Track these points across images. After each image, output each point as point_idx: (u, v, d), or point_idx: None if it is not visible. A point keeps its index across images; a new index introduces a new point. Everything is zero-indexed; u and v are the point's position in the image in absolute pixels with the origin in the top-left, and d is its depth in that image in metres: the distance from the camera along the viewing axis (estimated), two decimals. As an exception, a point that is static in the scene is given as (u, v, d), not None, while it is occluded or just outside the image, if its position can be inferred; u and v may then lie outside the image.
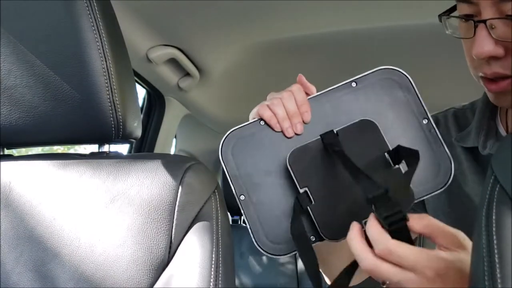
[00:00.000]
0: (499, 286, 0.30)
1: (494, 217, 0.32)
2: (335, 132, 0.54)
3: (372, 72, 0.56)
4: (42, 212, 0.52)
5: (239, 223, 1.78)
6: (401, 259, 0.42)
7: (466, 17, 0.55)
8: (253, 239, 0.55)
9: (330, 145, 0.53)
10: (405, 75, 0.55)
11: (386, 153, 0.52)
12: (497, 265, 0.31)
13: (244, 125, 0.57)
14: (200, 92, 1.42)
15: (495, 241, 0.32)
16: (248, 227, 0.55)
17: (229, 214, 1.79)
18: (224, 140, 0.57)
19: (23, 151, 0.79)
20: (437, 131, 0.54)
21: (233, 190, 0.56)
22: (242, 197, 0.56)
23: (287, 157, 0.54)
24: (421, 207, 0.69)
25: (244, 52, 1.23)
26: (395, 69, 0.55)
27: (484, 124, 0.62)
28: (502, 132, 0.62)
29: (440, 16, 0.59)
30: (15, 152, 0.63)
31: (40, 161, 0.56)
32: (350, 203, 0.52)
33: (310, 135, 0.55)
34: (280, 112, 0.55)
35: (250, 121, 0.57)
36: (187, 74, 1.29)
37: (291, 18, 1.06)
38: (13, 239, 0.51)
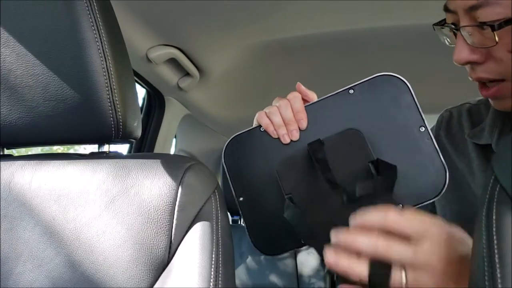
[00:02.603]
0: (499, 286, 0.30)
1: (494, 217, 0.32)
2: (321, 140, 0.55)
3: (370, 78, 0.56)
4: (42, 212, 0.52)
5: (239, 223, 1.78)
6: (408, 225, 0.42)
7: (449, 26, 0.57)
8: (249, 239, 0.57)
9: (314, 153, 0.55)
10: (404, 82, 0.55)
11: (369, 163, 0.52)
12: (497, 265, 0.31)
13: (245, 131, 0.60)
14: (200, 92, 1.42)
15: (495, 241, 0.32)
16: (245, 227, 0.58)
17: (229, 214, 1.79)
18: (227, 144, 0.60)
19: (23, 151, 0.79)
20: (433, 140, 0.54)
21: (233, 192, 0.59)
22: (241, 199, 0.59)
23: (276, 165, 0.56)
24: (431, 205, 0.69)
25: (244, 52, 1.23)
26: (394, 75, 0.56)
27: (498, 121, 0.62)
28: None
29: (433, 26, 0.60)
30: (15, 152, 0.63)
31: (40, 161, 0.56)
32: (329, 210, 0.53)
33: (306, 142, 0.56)
34: (277, 120, 0.57)
35: (251, 127, 0.60)
36: (187, 74, 1.29)
37: (291, 18, 1.06)
38: (13, 239, 0.51)
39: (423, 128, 0.54)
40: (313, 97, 0.59)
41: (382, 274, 0.44)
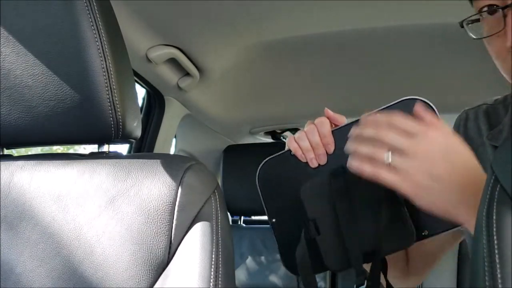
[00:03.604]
0: (500, 286, 0.30)
1: (494, 217, 0.32)
2: (343, 167, 0.56)
3: (396, 103, 0.57)
4: (42, 212, 0.52)
5: (239, 223, 1.78)
6: (410, 124, 0.47)
7: (491, 9, 0.52)
8: (280, 258, 0.61)
9: (333, 183, 0.57)
10: (429, 104, 0.55)
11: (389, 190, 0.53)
12: (498, 265, 0.31)
13: (276, 155, 0.62)
14: (200, 92, 1.41)
15: (495, 241, 0.32)
16: (278, 247, 0.61)
17: (229, 214, 1.79)
18: (260, 167, 0.63)
19: (23, 151, 0.79)
20: None
21: (266, 213, 0.62)
22: (273, 220, 0.62)
23: (301, 189, 0.59)
24: None
25: (244, 52, 1.23)
26: (419, 99, 0.56)
27: None
28: None
29: (462, 22, 0.57)
30: (14, 152, 0.63)
31: (40, 161, 0.56)
32: (351, 236, 0.55)
33: (334, 166, 0.58)
34: (304, 144, 0.59)
35: (282, 151, 0.62)
36: (187, 74, 1.29)
37: (291, 18, 1.06)
38: (13, 239, 0.51)
39: None
40: (342, 120, 0.60)
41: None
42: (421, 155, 0.46)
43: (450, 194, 0.45)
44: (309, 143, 0.59)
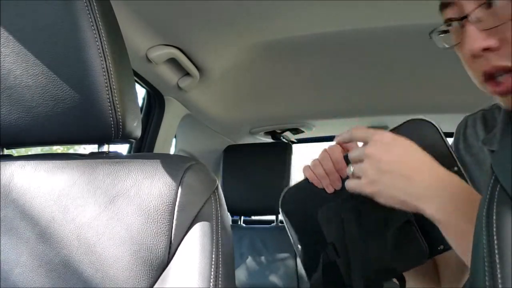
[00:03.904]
0: (500, 286, 0.30)
1: (494, 217, 0.32)
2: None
3: (401, 125, 0.59)
4: (42, 213, 0.52)
5: (239, 223, 1.78)
6: (358, 134, 0.56)
7: (451, 20, 0.55)
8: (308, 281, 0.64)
9: (344, 209, 0.59)
10: (434, 126, 0.58)
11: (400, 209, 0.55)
12: (498, 265, 0.31)
13: (297, 183, 0.66)
14: (200, 92, 1.41)
15: (495, 241, 0.32)
16: (305, 273, 0.64)
17: (229, 214, 1.79)
18: (282, 196, 0.67)
19: (23, 151, 0.79)
20: (467, 179, 0.55)
21: (291, 240, 0.65)
22: (298, 246, 0.64)
23: (318, 215, 0.61)
24: None
25: (244, 52, 1.23)
26: (423, 120, 0.58)
27: (510, 125, 0.60)
28: None
29: (430, 34, 0.59)
30: (14, 152, 0.63)
31: (40, 161, 0.56)
32: (366, 257, 0.58)
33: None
34: (319, 172, 0.63)
35: (301, 180, 0.66)
36: (187, 74, 1.29)
37: (291, 18, 1.06)
38: (13, 239, 0.51)
39: (456, 168, 0.56)
40: (352, 146, 0.62)
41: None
42: (369, 155, 0.52)
43: (405, 187, 0.49)
44: (323, 170, 0.62)
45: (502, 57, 0.51)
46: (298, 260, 1.64)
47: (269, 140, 1.97)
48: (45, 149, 0.77)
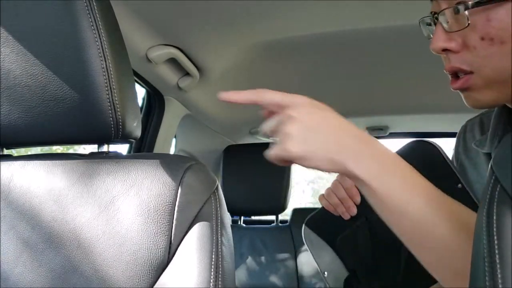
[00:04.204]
0: (500, 286, 0.30)
1: (494, 217, 0.32)
2: (367, 218, 0.62)
3: (403, 147, 0.61)
4: (42, 212, 0.52)
5: (239, 223, 1.78)
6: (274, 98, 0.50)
7: (429, 16, 0.58)
8: None
9: (358, 235, 0.62)
10: (436, 147, 0.60)
11: None
12: (498, 265, 0.31)
13: (315, 212, 0.69)
14: (200, 92, 1.41)
15: (495, 241, 0.31)
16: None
17: (229, 214, 1.79)
18: (304, 226, 0.70)
19: (23, 151, 0.79)
20: (472, 196, 0.57)
21: (318, 268, 0.67)
22: (325, 274, 0.67)
23: (336, 242, 0.64)
24: None
25: (244, 52, 1.23)
26: (426, 141, 0.61)
27: (500, 129, 0.61)
28: None
29: (419, 21, 0.62)
30: (14, 152, 0.63)
31: (40, 161, 0.56)
32: (383, 282, 0.60)
33: (366, 214, 0.62)
34: (333, 200, 0.65)
35: (318, 208, 0.69)
36: (187, 74, 1.29)
37: (291, 18, 1.06)
38: (13, 239, 0.51)
39: (460, 185, 0.58)
40: (351, 182, 0.64)
41: None
42: (293, 116, 0.47)
43: (333, 146, 0.46)
44: (337, 198, 0.64)
45: (461, 60, 0.54)
46: (298, 260, 1.64)
47: (269, 140, 1.96)
48: (45, 149, 0.77)
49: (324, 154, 0.46)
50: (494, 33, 0.50)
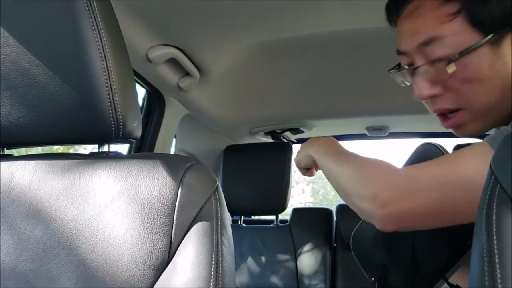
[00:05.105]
0: (499, 286, 0.30)
1: (494, 217, 0.32)
2: None
3: (414, 152, 0.68)
4: (42, 212, 0.52)
5: (239, 223, 1.78)
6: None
7: (406, 69, 0.64)
8: None
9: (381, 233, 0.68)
10: (438, 147, 0.66)
11: None
12: (497, 265, 0.31)
13: (359, 225, 0.80)
14: (200, 92, 1.41)
15: (495, 241, 0.32)
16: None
17: (229, 214, 1.79)
18: (352, 238, 0.81)
19: (23, 151, 0.79)
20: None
21: (367, 276, 0.76)
22: (373, 279, 0.75)
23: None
24: None
25: (244, 52, 1.23)
26: (431, 144, 0.67)
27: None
28: None
29: (389, 71, 0.69)
30: (14, 152, 0.63)
31: (40, 161, 0.56)
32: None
33: None
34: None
35: (361, 221, 0.80)
36: (187, 74, 1.29)
37: (291, 18, 1.06)
38: (13, 239, 0.51)
39: None
40: None
41: None
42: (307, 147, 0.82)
43: (307, 150, 0.81)
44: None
45: (446, 101, 0.61)
46: (298, 260, 1.64)
47: (269, 140, 1.96)
48: (45, 149, 0.77)
49: (305, 155, 0.81)
50: (472, 76, 0.57)
